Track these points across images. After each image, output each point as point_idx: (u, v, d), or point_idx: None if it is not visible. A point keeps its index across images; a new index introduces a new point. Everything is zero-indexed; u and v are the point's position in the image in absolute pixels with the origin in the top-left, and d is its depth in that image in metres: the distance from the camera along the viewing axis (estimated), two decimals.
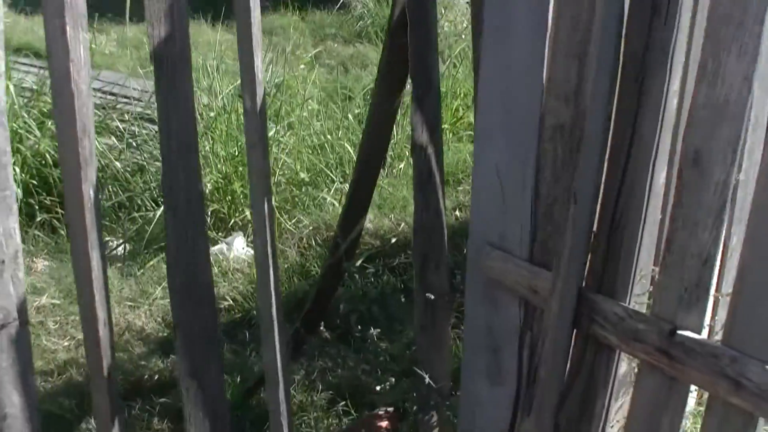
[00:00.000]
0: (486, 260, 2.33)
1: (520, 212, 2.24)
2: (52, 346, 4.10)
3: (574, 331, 2.12)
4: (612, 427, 2.60)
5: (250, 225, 5.23)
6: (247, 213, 5.22)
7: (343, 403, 3.37)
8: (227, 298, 4.49)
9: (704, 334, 1.89)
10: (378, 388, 2.70)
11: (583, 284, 2.09)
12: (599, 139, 1.95)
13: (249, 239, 5.19)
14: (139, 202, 5.45)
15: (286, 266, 4.80)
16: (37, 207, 5.35)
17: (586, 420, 2.14)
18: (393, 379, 2.69)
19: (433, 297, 2.58)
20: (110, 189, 5.48)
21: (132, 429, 3.45)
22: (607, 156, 2.00)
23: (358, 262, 4.46)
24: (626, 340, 1.97)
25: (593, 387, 2.11)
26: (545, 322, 2.15)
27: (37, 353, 4.02)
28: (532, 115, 2.15)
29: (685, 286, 1.84)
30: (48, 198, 5.41)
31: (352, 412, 3.32)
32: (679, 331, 1.85)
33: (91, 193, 1.83)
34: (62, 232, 5.33)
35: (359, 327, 2.88)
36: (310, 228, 5.15)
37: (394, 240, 4.87)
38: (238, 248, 4.99)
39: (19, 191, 5.30)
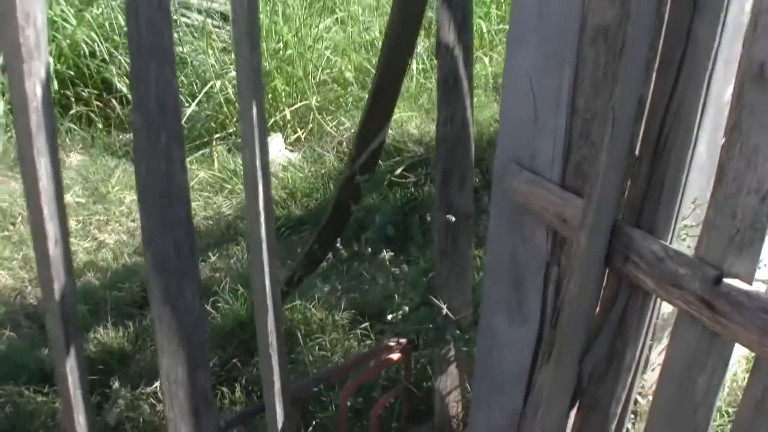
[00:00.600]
0: (512, 181, 2.03)
1: (553, 128, 1.93)
2: (72, 247, 3.93)
3: (607, 269, 1.82)
4: (653, 370, 2.32)
5: (289, 125, 4.97)
6: (287, 112, 4.95)
7: (364, 325, 3.14)
8: None
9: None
10: (389, 317, 2.45)
11: (620, 216, 1.79)
12: (646, 45, 1.61)
13: (288, 141, 4.94)
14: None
15: (323, 171, 4.55)
16: (72, 99, 5.15)
17: (612, 374, 1.86)
18: (407, 308, 2.44)
19: (454, 219, 2.30)
20: None
21: (142, 340, 3.29)
22: (655, 66, 1.66)
23: (398, 171, 4.19)
24: (664, 285, 1.66)
25: (624, 335, 1.83)
26: (573, 257, 1.85)
27: None
28: (572, 14, 1.82)
29: (737, 225, 1.52)
30: (85, 90, 5.21)
31: (372, 336, 3.09)
32: (726, 279, 1.54)
33: (38, 90, 1.57)
34: (99, 125, 5.15)
35: (369, 249, 2.62)
36: (352, 131, 4.86)
37: None
38: (274, 150, 4.73)
39: (55, 83, 5.10)
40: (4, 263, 3.87)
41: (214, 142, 4.88)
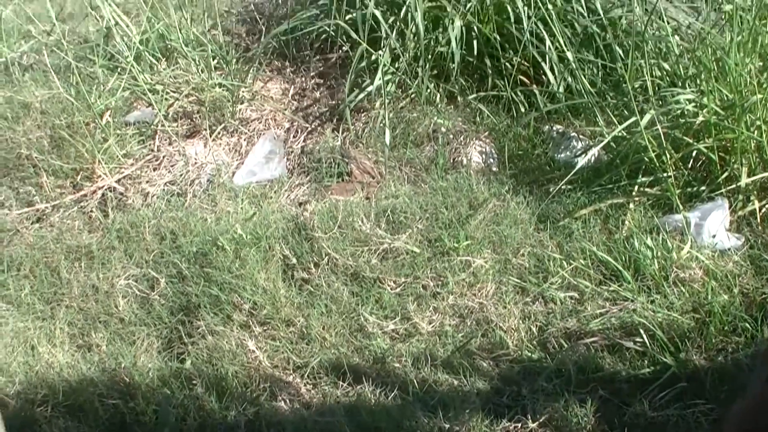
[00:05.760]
0: None
1: None
2: (375, 326, 2.94)
3: None
4: None
5: (741, 192, 3.39)
6: (744, 179, 3.36)
7: None
8: None
9: None
10: None
11: None
12: None
13: (736, 215, 3.39)
14: None
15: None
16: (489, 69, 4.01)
17: None
18: None
19: None
20: None
21: None
22: None
23: None
24: None
25: None
26: None
27: None
28: None
29: None
30: (513, 58, 4.02)
31: None
32: None
33: None
34: (522, 109, 3.99)
35: None
36: None
37: None
38: (712, 226, 3.26)
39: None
40: None
41: (635, 189, 3.45)
